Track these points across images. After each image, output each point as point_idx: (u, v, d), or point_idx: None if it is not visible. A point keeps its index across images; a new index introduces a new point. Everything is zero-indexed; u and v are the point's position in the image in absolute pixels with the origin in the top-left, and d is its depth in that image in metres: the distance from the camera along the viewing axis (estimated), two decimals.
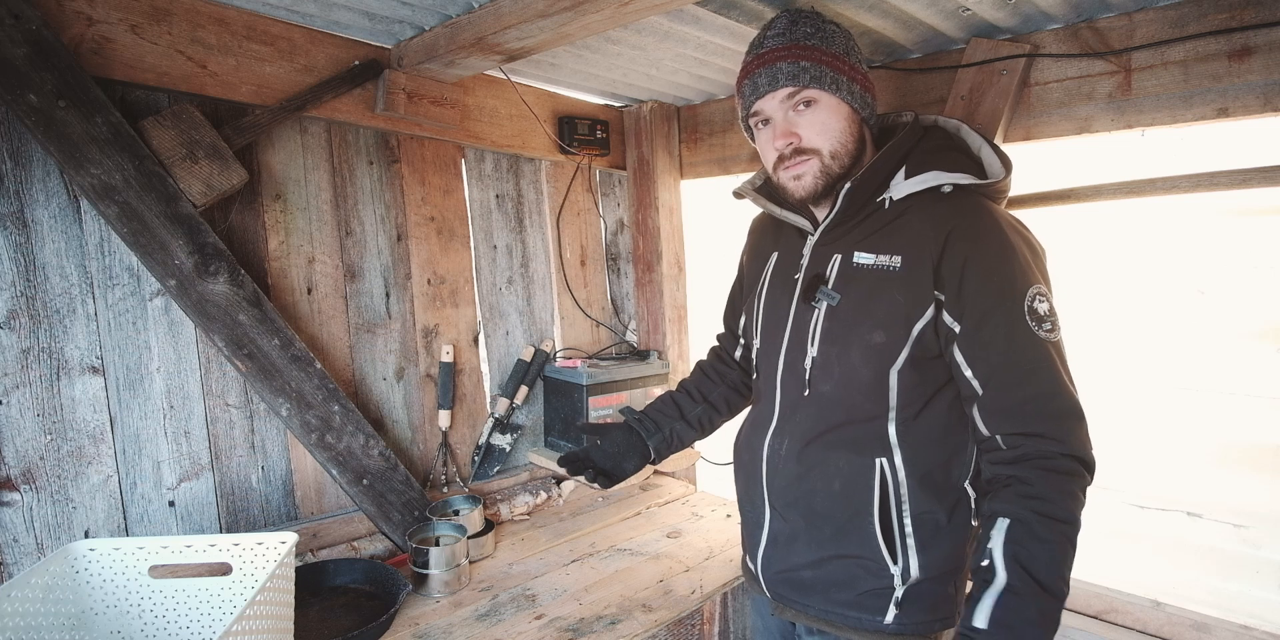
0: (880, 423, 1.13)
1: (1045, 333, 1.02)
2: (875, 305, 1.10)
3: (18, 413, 1.28)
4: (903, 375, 1.10)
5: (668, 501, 2.12)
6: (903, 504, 1.12)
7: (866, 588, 1.14)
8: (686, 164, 2.27)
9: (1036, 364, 1.02)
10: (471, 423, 1.98)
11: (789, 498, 1.21)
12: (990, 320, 1.03)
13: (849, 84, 1.13)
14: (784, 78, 1.12)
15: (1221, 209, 1.64)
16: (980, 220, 1.07)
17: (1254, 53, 1.24)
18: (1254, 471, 1.65)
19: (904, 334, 1.08)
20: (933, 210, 1.09)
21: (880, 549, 1.12)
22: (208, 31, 1.41)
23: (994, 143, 1.17)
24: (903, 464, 1.12)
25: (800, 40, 1.13)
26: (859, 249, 1.14)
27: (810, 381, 1.18)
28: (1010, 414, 1.03)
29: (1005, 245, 1.05)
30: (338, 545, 1.66)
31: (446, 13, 1.44)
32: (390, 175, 1.79)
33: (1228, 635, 1.37)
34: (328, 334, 1.69)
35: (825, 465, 1.16)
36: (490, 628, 1.41)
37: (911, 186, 1.11)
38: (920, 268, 1.07)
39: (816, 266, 1.19)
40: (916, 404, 1.12)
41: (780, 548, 1.24)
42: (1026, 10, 1.40)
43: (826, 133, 1.13)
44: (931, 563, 1.12)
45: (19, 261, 1.27)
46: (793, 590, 1.23)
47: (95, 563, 1.23)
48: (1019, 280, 1.03)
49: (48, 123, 1.21)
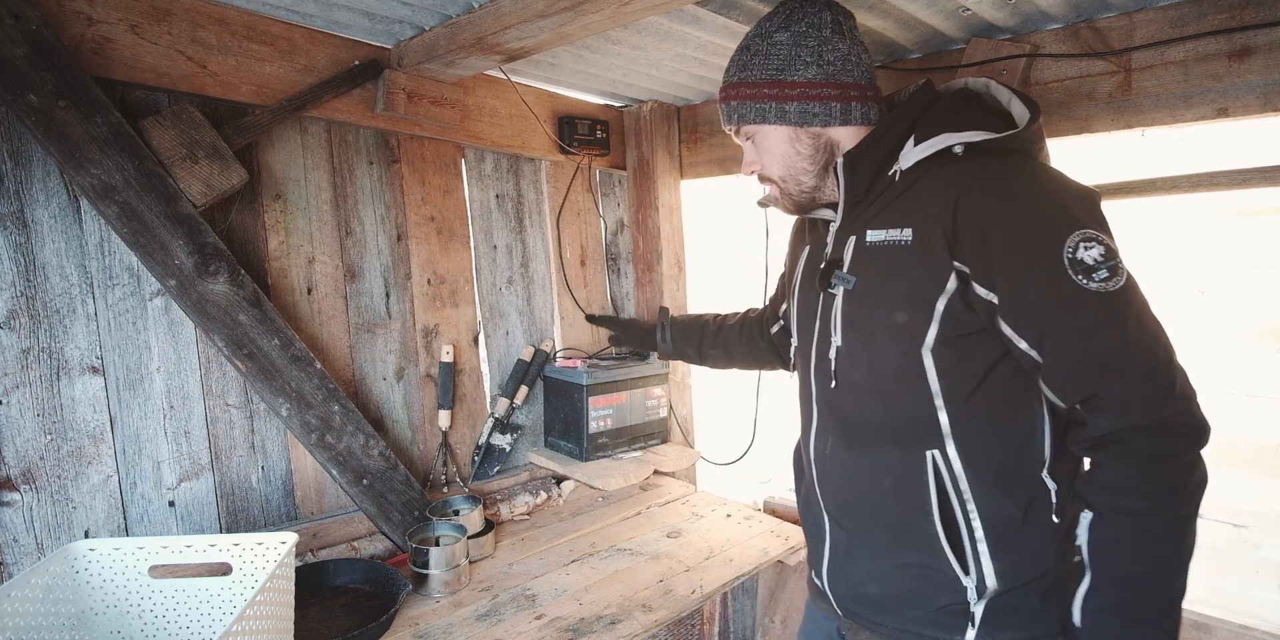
0: (927, 410, 1.02)
1: (1099, 283, 0.89)
2: (891, 284, 1.03)
3: (18, 413, 1.28)
4: (938, 355, 1.00)
5: (668, 501, 2.12)
6: (966, 502, 1.01)
7: (940, 604, 1.04)
8: (686, 164, 2.27)
9: (1092, 321, 0.89)
10: (471, 423, 1.98)
11: (841, 501, 1.14)
12: (1026, 282, 0.92)
13: (778, 107, 1.12)
14: (724, 118, 1.19)
15: (1221, 209, 1.65)
16: (995, 175, 0.97)
17: (1254, 53, 1.24)
18: (1254, 471, 1.65)
19: (927, 310, 0.99)
20: (941, 174, 1.01)
21: (947, 556, 1.02)
22: (208, 31, 1.41)
23: (1023, 93, 1.07)
24: (959, 455, 1.01)
25: (730, 78, 1.16)
26: (870, 227, 1.07)
27: (838, 372, 1.11)
28: (1072, 381, 0.92)
29: (1026, 195, 0.94)
30: (338, 545, 1.66)
31: (446, 13, 1.44)
32: (390, 175, 1.79)
33: (1228, 635, 1.37)
34: (328, 334, 1.69)
35: (872, 462, 1.08)
36: (490, 628, 1.41)
37: (919, 153, 1.03)
38: (932, 238, 0.98)
39: (836, 252, 1.14)
40: (966, 386, 1.00)
41: (842, 560, 1.15)
42: (1026, 10, 1.40)
43: (774, 160, 1.16)
44: (1009, 570, 1.00)
45: (19, 261, 1.27)
46: (864, 608, 1.14)
47: (95, 563, 1.23)
48: (1050, 230, 0.91)
49: (48, 123, 1.21)
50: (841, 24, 1.13)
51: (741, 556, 1.72)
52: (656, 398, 2.14)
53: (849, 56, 1.12)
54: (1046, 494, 1.01)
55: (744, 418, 2.03)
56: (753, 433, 2.04)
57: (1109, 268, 0.90)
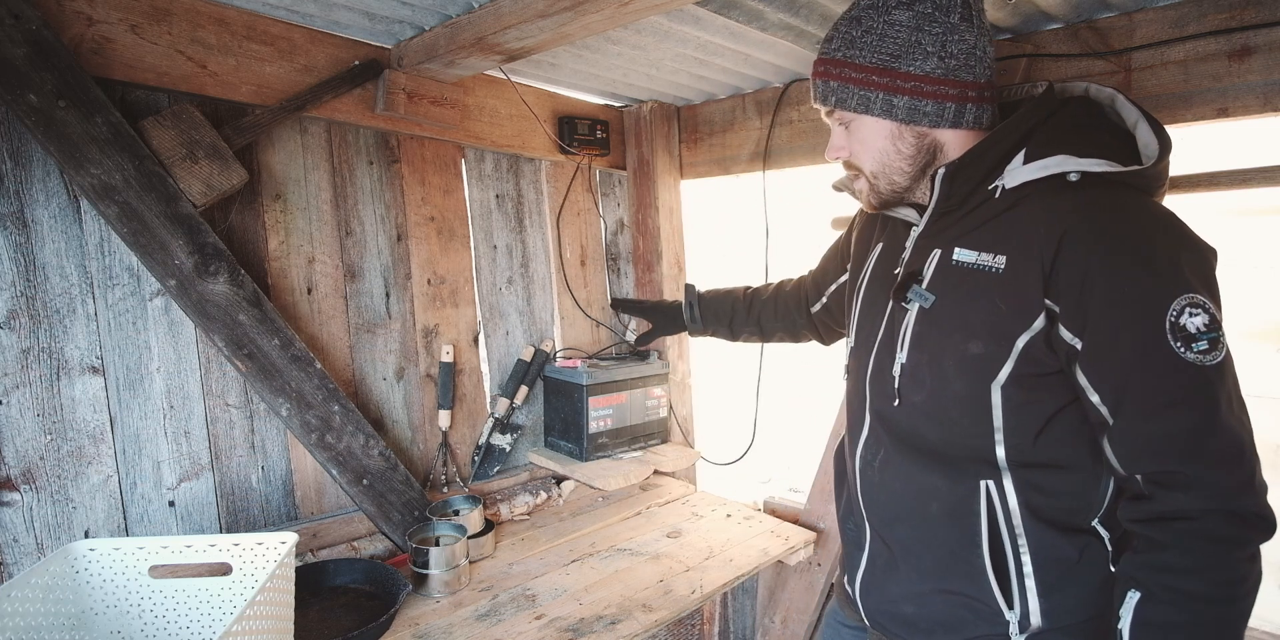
0: (986, 442, 0.97)
1: (1196, 354, 0.83)
2: (973, 311, 0.96)
3: (18, 413, 1.28)
4: (1008, 392, 0.94)
5: (668, 501, 2.12)
6: (1018, 537, 0.97)
7: (978, 633, 1.01)
8: (686, 164, 2.27)
9: (1181, 393, 0.83)
10: (471, 423, 1.98)
11: (886, 517, 1.10)
12: (1120, 338, 0.85)
13: (885, 98, 0.99)
14: (818, 96, 1.06)
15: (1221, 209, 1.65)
16: (1110, 215, 0.88)
17: (1254, 53, 1.24)
18: None
19: (1006, 346, 0.93)
20: (1051, 202, 0.92)
21: (992, 588, 0.98)
22: (208, 31, 1.41)
23: (1153, 116, 0.98)
24: (1015, 491, 0.96)
25: (832, 53, 1.02)
26: (960, 244, 0.99)
27: (900, 391, 1.05)
28: (1146, 452, 0.86)
29: (1141, 245, 0.86)
30: (338, 545, 1.66)
31: (446, 13, 1.44)
32: (390, 175, 1.79)
33: None
34: (328, 334, 1.69)
35: (922, 484, 1.04)
36: (490, 628, 1.41)
37: (1029, 173, 0.94)
38: (1028, 270, 0.91)
39: (915, 262, 1.06)
40: (1033, 425, 0.95)
41: (879, 574, 1.12)
42: (1026, 10, 1.40)
43: (866, 152, 1.05)
44: (1059, 610, 0.97)
45: (19, 261, 1.27)
46: (895, 624, 1.11)
47: (95, 563, 1.23)
48: (1159, 289, 0.84)
49: (48, 123, 1.21)
50: (971, 7, 0.98)
51: (741, 556, 1.72)
52: (656, 398, 2.14)
53: (974, 50, 0.98)
54: (1101, 541, 0.98)
55: (744, 418, 2.04)
56: (753, 433, 2.04)
57: (1210, 340, 0.84)
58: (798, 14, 1.46)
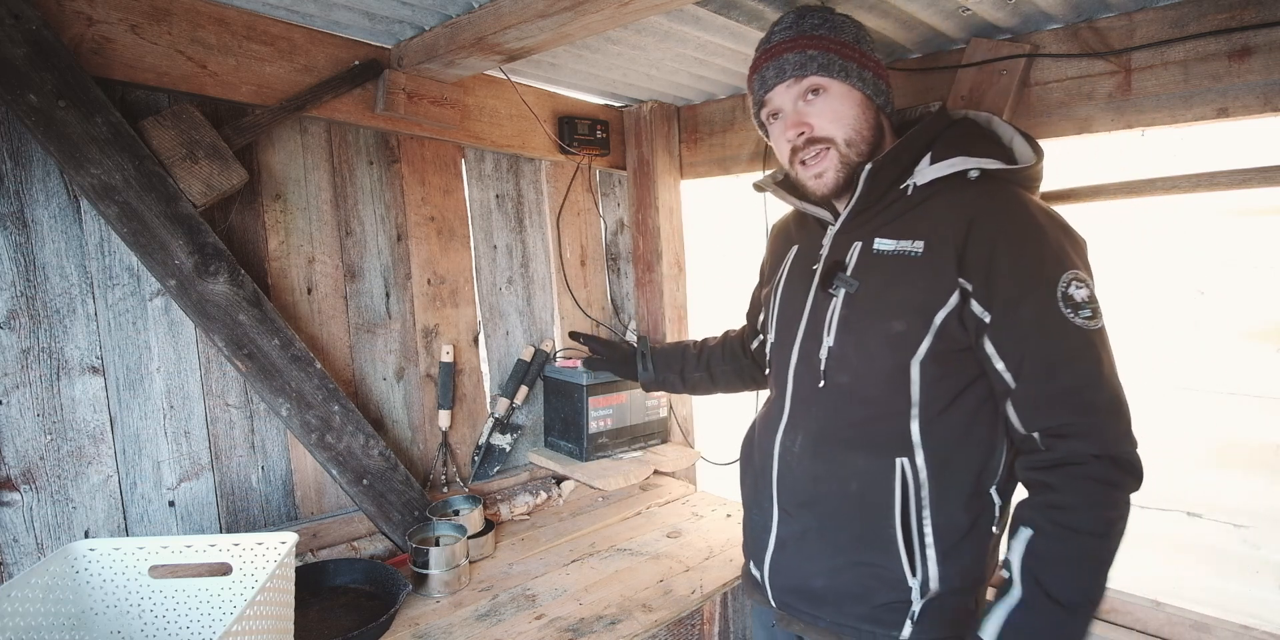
0: (902, 419, 1.07)
1: (1083, 320, 0.97)
2: (895, 292, 1.06)
3: (18, 413, 1.28)
4: (925, 367, 1.05)
5: (668, 501, 2.12)
6: (924, 510, 1.06)
7: (882, 600, 1.09)
8: (686, 164, 2.27)
9: (1072, 354, 0.96)
10: (471, 423, 1.98)
11: (802, 499, 1.16)
12: (1021, 308, 0.98)
13: (859, 70, 1.11)
14: (791, 68, 1.11)
15: (1221, 209, 1.65)
16: (1009, 204, 1.03)
17: (1254, 53, 1.24)
18: (1254, 471, 1.65)
19: (925, 323, 1.03)
20: (957, 195, 1.06)
21: (900, 557, 1.07)
22: (208, 31, 1.41)
23: (1026, 133, 1.15)
24: (925, 465, 1.06)
25: (807, 31, 1.12)
26: (880, 235, 1.10)
27: (826, 372, 1.13)
28: (1043, 408, 0.98)
29: (1036, 229, 1.00)
30: (338, 545, 1.66)
31: (446, 13, 1.44)
32: (390, 175, 1.79)
33: (1228, 635, 1.37)
34: (328, 334, 1.69)
35: (842, 464, 1.11)
36: (490, 628, 1.41)
37: (937, 171, 1.07)
38: (943, 253, 1.03)
39: (836, 254, 1.16)
40: (942, 400, 1.06)
41: (790, 553, 1.19)
42: (1026, 10, 1.40)
43: (839, 120, 1.11)
44: (952, 574, 1.06)
45: (19, 261, 1.27)
46: (802, 600, 1.18)
47: (95, 563, 1.23)
48: (1052, 265, 0.98)
49: (48, 123, 1.21)
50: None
51: (741, 557, 1.72)
52: (656, 398, 2.14)
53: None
54: (993, 508, 1.08)
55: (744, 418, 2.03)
56: None
57: (1092, 309, 0.98)
58: None
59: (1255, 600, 1.63)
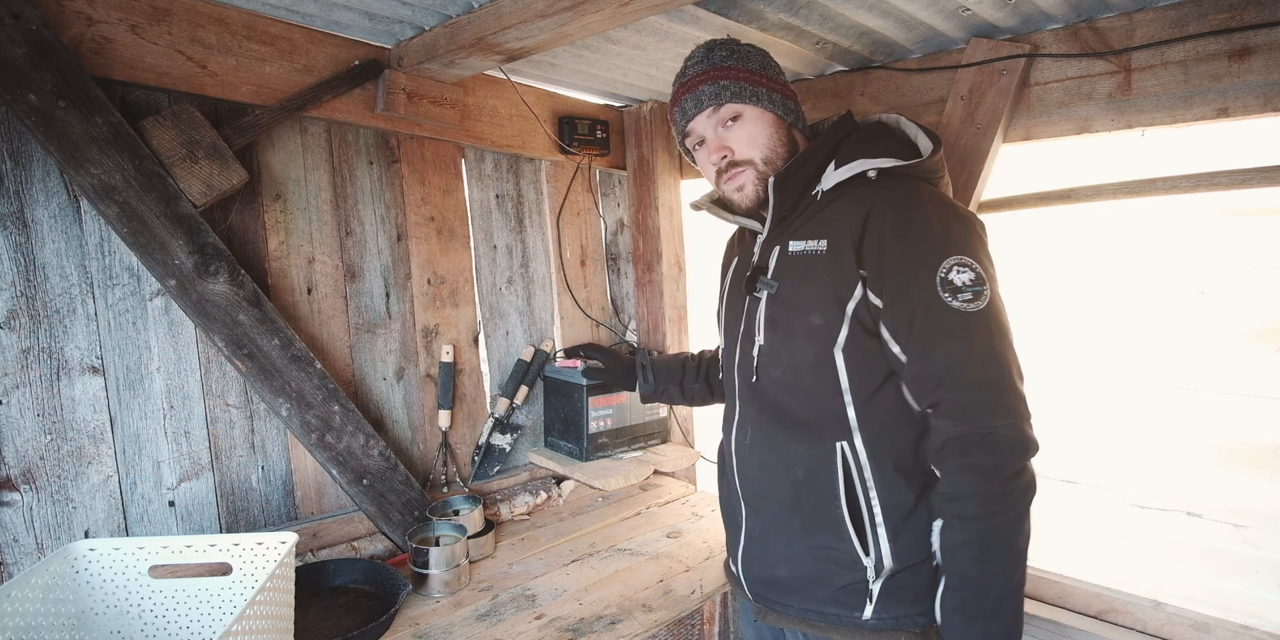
0: (837, 405, 1.13)
1: (962, 303, 1.03)
2: (809, 289, 1.14)
3: (18, 413, 1.28)
4: (848, 354, 1.11)
5: (668, 501, 2.12)
6: (869, 490, 1.11)
7: (842, 583, 1.14)
8: (686, 164, 2.27)
9: (946, 334, 1.03)
10: (471, 423, 1.98)
11: (758, 489, 1.23)
12: (905, 293, 1.05)
13: (768, 94, 1.20)
14: (707, 98, 1.20)
15: (1221, 209, 1.64)
16: (899, 196, 1.10)
17: (1254, 53, 1.24)
18: (1254, 471, 1.65)
19: (839, 314, 1.11)
20: (857, 194, 1.13)
21: (851, 539, 1.12)
22: (208, 31, 1.41)
23: (927, 128, 1.22)
24: (865, 447, 1.11)
25: (717, 63, 1.21)
26: (792, 239, 1.19)
27: (760, 368, 1.21)
28: (925, 385, 1.05)
29: (918, 218, 1.07)
30: (338, 545, 1.66)
31: (446, 13, 1.44)
32: (390, 175, 1.79)
33: (1228, 635, 1.37)
34: (328, 334, 1.69)
35: (787, 452, 1.18)
36: (490, 628, 1.41)
37: (839, 176, 1.15)
38: (843, 248, 1.10)
39: (761, 260, 1.24)
40: (871, 383, 1.12)
41: (756, 545, 1.24)
42: (1026, 10, 1.40)
43: (755, 143, 1.20)
44: (903, 552, 1.11)
45: (19, 261, 1.27)
46: (772, 590, 1.23)
47: (95, 563, 1.23)
48: (932, 252, 1.05)
49: (48, 123, 1.21)
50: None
51: None
52: None
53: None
54: (935, 482, 1.11)
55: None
56: None
57: (974, 292, 1.04)
58: (797, 14, 1.46)
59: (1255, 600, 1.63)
